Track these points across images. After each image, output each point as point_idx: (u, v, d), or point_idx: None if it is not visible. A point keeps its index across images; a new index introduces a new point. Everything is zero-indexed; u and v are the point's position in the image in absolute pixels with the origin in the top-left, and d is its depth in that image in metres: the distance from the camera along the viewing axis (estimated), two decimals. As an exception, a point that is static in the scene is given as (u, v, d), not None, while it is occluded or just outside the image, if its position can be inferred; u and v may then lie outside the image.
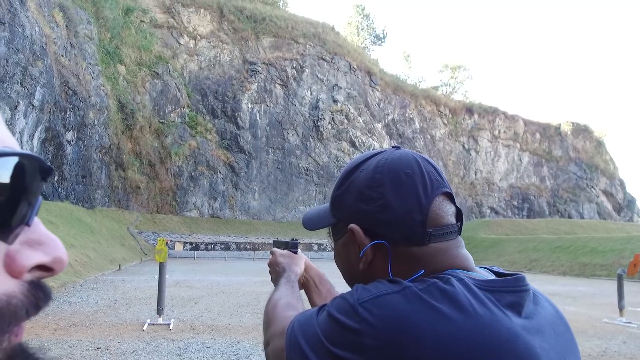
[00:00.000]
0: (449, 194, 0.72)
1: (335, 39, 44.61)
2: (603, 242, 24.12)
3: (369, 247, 0.69)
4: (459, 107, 52.24)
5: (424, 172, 0.70)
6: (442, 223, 0.69)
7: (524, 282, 0.66)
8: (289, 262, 1.07)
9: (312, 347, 0.63)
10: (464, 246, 0.72)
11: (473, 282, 0.63)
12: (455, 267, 0.68)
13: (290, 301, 0.88)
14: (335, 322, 0.62)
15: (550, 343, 0.62)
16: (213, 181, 34.91)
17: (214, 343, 6.12)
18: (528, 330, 0.60)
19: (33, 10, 20.91)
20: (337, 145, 40.29)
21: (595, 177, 55.85)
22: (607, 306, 10.67)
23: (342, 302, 0.64)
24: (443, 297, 0.59)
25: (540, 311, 0.65)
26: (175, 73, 35.70)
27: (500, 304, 0.61)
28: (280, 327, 0.75)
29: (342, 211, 0.74)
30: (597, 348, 6.60)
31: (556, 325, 0.66)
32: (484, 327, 0.57)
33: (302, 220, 0.87)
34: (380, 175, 0.70)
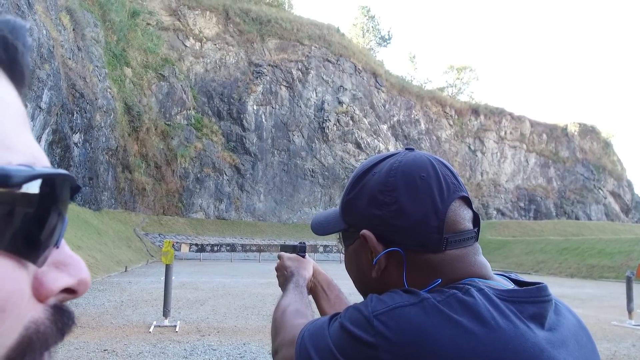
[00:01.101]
0: (466, 198, 0.68)
1: (340, 41, 44.63)
2: (611, 243, 23.93)
3: (383, 254, 0.66)
4: (465, 108, 52.07)
5: (440, 176, 0.66)
6: (459, 229, 0.65)
7: (546, 291, 0.63)
8: (297, 266, 1.04)
9: (323, 358, 0.61)
10: (481, 253, 0.68)
11: (493, 292, 0.60)
12: (473, 275, 0.65)
13: (299, 308, 0.85)
14: (349, 335, 0.59)
15: (575, 356, 0.59)
16: (219, 183, 35.00)
17: (220, 345, 6.11)
18: (552, 344, 0.57)
19: (40, 13, 21.07)
20: (343, 146, 40.27)
21: (602, 178, 55.45)
22: (615, 309, 10.57)
23: (356, 313, 0.61)
24: (463, 310, 0.56)
25: (563, 322, 0.63)
26: (181, 75, 35.86)
27: (523, 316, 0.58)
28: (289, 336, 0.73)
29: (353, 216, 0.71)
30: (606, 351, 6.53)
31: (579, 336, 0.64)
32: (507, 341, 0.54)
33: (310, 225, 0.83)
34: (394, 178, 0.66)
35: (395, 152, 0.71)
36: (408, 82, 52.23)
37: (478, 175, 50.31)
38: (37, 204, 0.25)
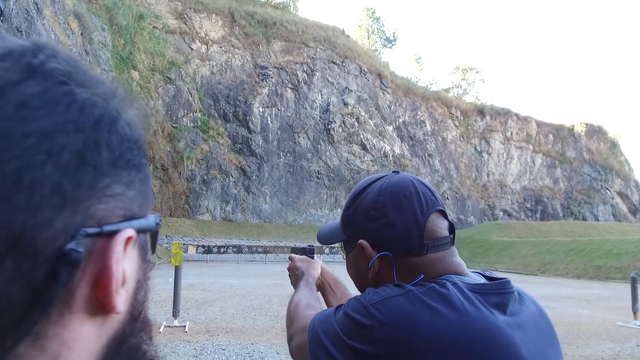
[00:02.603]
0: (442, 211, 0.83)
1: (345, 43, 44.70)
2: (618, 244, 23.82)
3: (376, 258, 0.81)
4: (471, 109, 51.94)
5: (420, 194, 0.82)
6: (437, 236, 0.80)
7: (508, 285, 0.78)
8: (307, 266, 1.18)
9: (331, 341, 0.74)
10: (457, 255, 0.84)
11: (465, 286, 0.74)
12: (450, 272, 0.79)
13: (310, 302, 1.00)
14: (351, 320, 0.73)
15: (530, 336, 0.73)
16: (225, 185, 35.18)
17: (229, 345, 6.23)
18: (510, 326, 0.71)
19: (49, 18, 21.35)
20: (348, 148, 40.34)
21: (609, 179, 55.10)
22: (621, 309, 10.58)
23: (356, 303, 0.75)
24: (439, 299, 0.71)
25: (523, 310, 0.77)
26: (188, 78, 36.09)
27: (487, 303, 0.72)
28: (302, 325, 0.88)
29: (351, 229, 0.87)
30: (610, 351, 6.59)
31: (538, 322, 0.78)
32: (473, 322, 0.69)
33: (317, 236, 1.00)
34: (383, 197, 0.82)
35: (384, 175, 0.88)
36: (413, 83, 52.17)
37: (484, 176, 50.17)
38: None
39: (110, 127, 0.31)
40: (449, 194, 45.52)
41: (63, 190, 0.27)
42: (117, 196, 0.31)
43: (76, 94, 0.30)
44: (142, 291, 0.34)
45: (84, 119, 0.29)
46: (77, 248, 0.27)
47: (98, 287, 0.30)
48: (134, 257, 0.33)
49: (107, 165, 0.30)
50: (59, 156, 0.27)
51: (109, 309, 0.30)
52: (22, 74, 0.28)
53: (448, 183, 46.12)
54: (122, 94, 0.34)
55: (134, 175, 0.33)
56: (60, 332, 0.28)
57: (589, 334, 7.90)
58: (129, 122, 0.33)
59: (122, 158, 0.31)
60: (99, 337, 0.31)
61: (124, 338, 0.33)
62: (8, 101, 0.26)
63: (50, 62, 0.29)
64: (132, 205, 0.32)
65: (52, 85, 0.29)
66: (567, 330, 8.11)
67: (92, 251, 0.29)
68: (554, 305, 11.49)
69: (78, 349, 0.29)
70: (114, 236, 0.30)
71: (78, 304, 0.29)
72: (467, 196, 47.04)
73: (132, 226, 0.31)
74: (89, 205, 0.29)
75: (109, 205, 0.30)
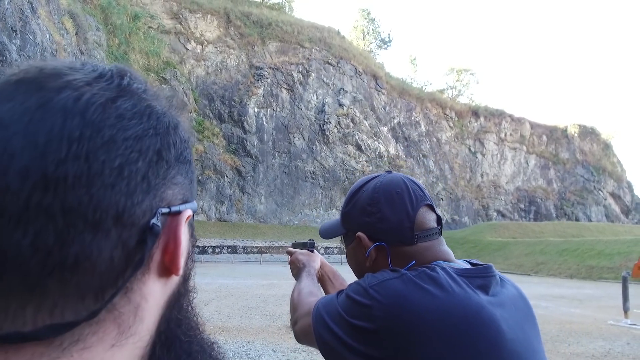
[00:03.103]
0: (430, 205, 0.94)
1: (340, 43, 44.79)
2: (610, 244, 24.05)
3: (372, 248, 0.92)
4: (465, 110, 52.18)
5: (410, 190, 0.93)
6: (426, 227, 0.91)
7: (491, 270, 0.88)
8: (307, 259, 1.28)
9: (334, 320, 0.83)
10: (445, 244, 0.94)
11: (452, 270, 0.84)
12: (439, 259, 0.89)
13: (312, 290, 1.11)
14: (352, 300, 0.83)
15: (510, 314, 0.82)
16: (220, 185, 35.16)
17: (225, 343, 6.28)
18: (492, 304, 0.81)
19: (44, 18, 21.29)
20: (343, 148, 40.43)
21: (602, 180, 55.53)
22: (613, 308, 10.71)
23: (357, 286, 0.85)
24: (430, 280, 0.80)
25: (504, 291, 0.87)
26: (183, 78, 36.04)
27: (472, 285, 0.82)
28: (306, 309, 0.97)
29: (350, 223, 0.98)
30: (600, 349, 6.70)
31: (517, 302, 0.87)
32: (459, 301, 0.78)
33: (319, 231, 1.11)
34: (378, 194, 0.93)
35: (378, 175, 0.99)
36: (408, 85, 52.35)
37: (478, 176, 50.42)
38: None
39: (175, 131, 0.39)
40: (443, 195, 45.71)
41: (149, 179, 0.35)
42: (179, 184, 0.39)
43: (153, 106, 0.38)
44: (191, 260, 0.43)
45: (160, 125, 0.37)
46: (157, 223, 0.35)
47: (166, 253, 0.38)
48: (186, 233, 0.41)
49: (174, 161, 0.38)
50: (146, 154, 0.35)
51: (173, 271, 0.38)
52: (116, 93, 0.36)
53: (442, 184, 46.31)
54: (177, 104, 0.42)
55: (188, 168, 0.41)
56: (141, 287, 0.36)
57: (581, 332, 8.01)
58: (184, 127, 0.41)
59: (182, 155, 0.40)
60: (164, 293, 0.39)
61: (180, 296, 0.41)
62: (111, 114, 0.34)
63: (134, 83, 0.38)
64: (187, 192, 0.40)
65: (137, 101, 0.37)
66: (560, 329, 8.22)
67: (164, 226, 0.37)
68: (546, 305, 11.62)
69: (151, 301, 0.37)
70: (178, 215, 0.38)
71: (153, 267, 0.37)
72: (461, 197, 47.24)
73: (188, 207, 0.40)
74: (162, 191, 0.37)
75: (175, 191, 0.38)
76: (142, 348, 0.37)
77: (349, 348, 0.80)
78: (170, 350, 0.39)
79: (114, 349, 0.34)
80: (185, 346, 0.41)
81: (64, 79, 0.35)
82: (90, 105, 0.33)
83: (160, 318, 0.39)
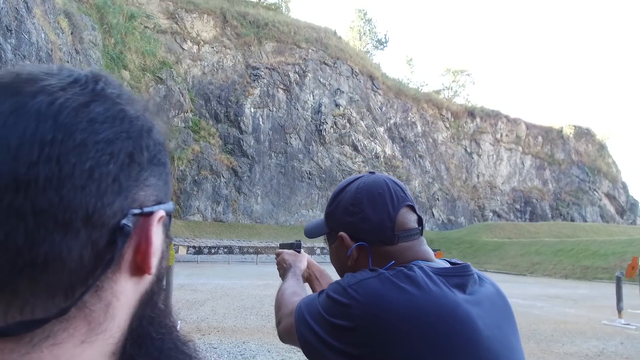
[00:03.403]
0: (411, 206, 0.96)
1: (337, 44, 44.80)
2: (605, 245, 24.16)
3: (354, 248, 0.93)
4: (461, 111, 52.29)
5: (392, 191, 0.94)
6: (407, 227, 0.93)
7: (468, 269, 0.90)
8: (294, 259, 1.31)
9: (315, 319, 0.85)
10: (425, 244, 0.96)
11: (430, 269, 0.85)
12: (419, 259, 0.91)
13: (296, 290, 1.12)
14: (332, 300, 0.84)
15: (487, 312, 0.84)
16: (216, 185, 35.10)
17: (220, 344, 6.28)
18: (468, 302, 0.82)
19: (39, 17, 21.19)
20: (340, 149, 40.44)
21: (597, 180, 55.75)
22: (607, 308, 10.77)
23: (336, 286, 0.86)
24: (407, 279, 0.82)
25: (482, 290, 0.88)
26: (179, 78, 35.96)
27: (449, 284, 0.83)
28: (289, 309, 0.99)
29: (333, 223, 1.00)
30: (594, 349, 6.74)
31: (495, 300, 0.89)
32: (435, 299, 0.80)
33: (304, 231, 1.13)
34: (360, 195, 0.95)
35: (361, 175, 1.01)
36: (405, 85, 52.40)
37: (474, 177, 50.54)
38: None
39: (149, 134, 0.40)
40: (439, 195, 45.79)
41: (120, 181, 0.36)
42: (152, 186, 0.40)
43: (126, 110, 0.39)
44: (164, 260, 0.44)
45: (132, 129, 0.38)
46: (128, 223, 0.37)
47: (138, 253, 0.39)
48: (160, 233, 0.42)
49: (146, 163, 0.39)
50: (118, 157, 0.36)
51: (145, 270, 0.40)
52: (90, 97, 0.37)
53: (438, 184, 46.39)
54: (152, 108, 0.43)
55: (162, 170, 0.42)
56: (112, 285, 0.37)
57: (575, 332, 8.05)
58: (159, 130, 0.43)
59: (155, 157, 0.41)
60: (136, 292, 0.40)
61: (152, 294, 0.43)
62: (82, 118, 0.35)
63: (108, 88, 0.39)
64: (161, 193, 0.41)
65: (110, 105, 0.38)
66: (554, 329, 8.27)
67: (136, 226, 0.38)
68: (541, 305, 11.67)
69: (122, 299, 0.38)
70: (150, 216, 0.39)
71: (124, 266, 0.38)
72: (457, 197, 47.33)
73: (161, 208, 0.41)
74: (135, 192, 0.38)
75: (147, 193, 0.39)
76: (113, 344, 0.38)
77: (329, 347, 0.81)
78: (142, 346, 0.40)
79: (84, 345, 0.35)
80: (157, 343, 0.41)
81: (39, 84, 0.36)
82: (63, 110, 0.34)
83: (132, 316, 0.40)
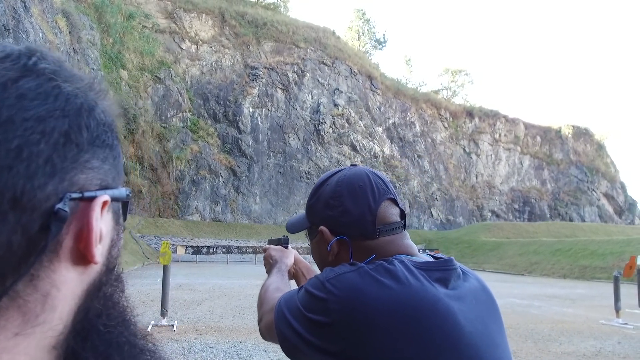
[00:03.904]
0: (393, 199, 0.93)
1: (336, 44, 44.81)
2: (603, 244, 24.18)
3: (334, 242, 0.91)
4: (460, 111, 52.33)
5: (373, 184, 0.91)
6: (388, 221, 0.90)
7: (451, 263, 0.87)
8: (280, 255, 1.29)
9: (293, 315, 0.83)
10: (408, 237, 0.94)
11: (411, 263, 0.83)
12: (400, 253, 0.88)
13: (279, 286, 1.10)
14: (310, 295, 0.82)
15: (469, 307, 0.81)
16: (215, 185, 35.07)
17: (217, 343, 6.26)
18: (450, 297, 0.80)
19: (37, 16, 21.14)
20: (338, 149, 40.44)
21: (596, 180, 55.84)
22: (605, 308, 10.77)
23: (315, 280, 0.84)
24: (386, 273, 0.79)
25: (465, 285, 0.86)
26: (177, 78, 35.92)
27: (430, 278, 0.81)
28: (270, 306, 0.96)
29: (314, 217, 0.97)
30: (592, 348, 6.73)
31: (479, 295, 0.87)
32: (415, 293, 0.77)
33: (285, 226, 1.11)
34: (340, 188, 0.92)
35: (343, 168, 0.98)
36: (403, 85, 52.44)
37: (473, 177, 50.58)
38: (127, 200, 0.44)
39: (89, 114, 0.38)
40: (437, 195, 45.81)
41: (53, 162, 0.34)
42: (95, 169, 0.38)
43: (62, 87, 0.37)
44: (115, 248, 0.42)
45: (69, 107, 0.36)
46: (64, 207, 0.34)
47: (80, 240, 0.37)
48: (109, 220, 0.40)
49: (87, 144, 0.37)
50: (50, 136, 0.34)
51: (89, 258, 0.37)
52: (20, 73, 0.35)
53: (437, 184, 46.42)
54: (98, 88, 0.41)
55: (108, 153, 0.40)
56: (50, 275, 0.35)
57: (572, 331, 8.04)
58: (104, 110, 0.40)
59: (98, 138, 0.39)
60: (81, 282, 0.38)
61: (101, 285, 0.40)
62: (10, 94, 0.33)
63: (41, 63, 0.37)
64: (107, 177, 0.39)
65: (43, 81, 0.36)
66: (551, 328, 8.26)
67: (76, 211, 0.36)
68: (539, 304, 11.67)
69: (64, 290, 0.36)
70: (93, 200, 0.37)
71: (64, 254, 0.36)
72: (455, 197, 47.35)
73: (106, 193, 0.39)
74: (73, 175, 0.36)
75: (89, 176, 0.37)
76: (53, 337, 0.36)
77: (308, 343, 0.79)
78: (87, 340, 0.38)
79: (18, 338, 0.33)
80: (105, 336, 0.39)
81: None
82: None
83: (77, 307, 0.38)
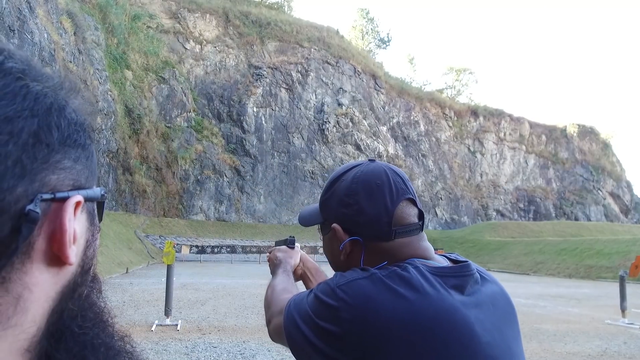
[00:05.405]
0: (412, 199, 0.87)
1: (339, 43, 44.77)
2: (609, 244, 24.03)
3: (347, 242, 0.86)
4: (464, 110, 52.17)
5: (392, 182, 0.86)
6: (405, 222, 0.85)
7: (468, 268, 0.83)
8: (285, 255, 1.26)
9: (304, 321, 0.79)
10: (425, 239, 0.88)
11: (426, 269, 0.79)
12: (416, 256, 0.83)
13: (286, 286, 1.07)
14: (320, 301, 0.78)
15: (487, 314, 0.78)
16: (219, 185, 35.13)
17: (220, 343, 6.26)
18: (466, 305, 0.76)
19: (42, 17, 21.24)
20: (342, 148, 40.40)
21: (601, 179, 55.52)
22: (610, 308, 10.71)
23: (325, 286, 0.80)
24: (400, 281, 0.75)
25: (482, 290, 0.82)
26: (182, 78, 36.01)
27: (446, 285, 0.77)
28: (279, 307, 0.93)
29: (327, 213, 0.93)
30: (597, 348, 6.68)
31: (497, 300, 0.83)
32: (431, 302, 0.73)
33: (298, 218, 1.06)
34: (356, 185, 0.87)
35: (360, 163, 0.92)
36: (407, 84, 52.32)
37: (477, 176, 50.40)
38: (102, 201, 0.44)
39: (59, 113, 0.37)
40: (442, 194, 45.69)
41: (23, 163, 0.33)
42: (67, 169, 0.37)
43: (30, 86, 0.36)
44: (90, 249, 0.41)
45: (38, 107, 0.35)
46: (35, 209, 0.34)
47: (53, 241, 0.36)
48: (83, 220, 0.40)
49: (57, 144, 0.36)
50: (19, 136, 0.33)
51: (63, 259, 0.37)
52: None
53: (442, 183, 46.29)
54: (68, 86, 0.40)
55: (81, 153, 0.39)
56: (22, 277, 0.34)
57: (578, 331, 7.99)
58: (75, 109, 0.40)
59: (70, 138, 0.38)
60: (54, 284, 0.37)
61: (76, 287, 0.39)
62: None
63: (8, 62, 0.36)
64: (80, 177, 0.39)
65: (10, 81, 0.35)
66: (557, 328, 8.21)
67: (48, 212, 0.36)
68: (544, 304, 11.61)
69: (37, 292, 0.35)
70: (65, 201, 0.37)
71: (37, 255, 0.35)
72: (460, 196, 47.20)
73: (79, 194, 0.38)
74: (44, 176, 0.35)
75: (60, 176, 0.37)
76: (26, 340, 0.35)
77: (317, 350, 0.76)
78: (61, 342, 0.37)
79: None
80: (80, 338, 0.39)
81: None
82: None
83: (51, 309, 0.37)
